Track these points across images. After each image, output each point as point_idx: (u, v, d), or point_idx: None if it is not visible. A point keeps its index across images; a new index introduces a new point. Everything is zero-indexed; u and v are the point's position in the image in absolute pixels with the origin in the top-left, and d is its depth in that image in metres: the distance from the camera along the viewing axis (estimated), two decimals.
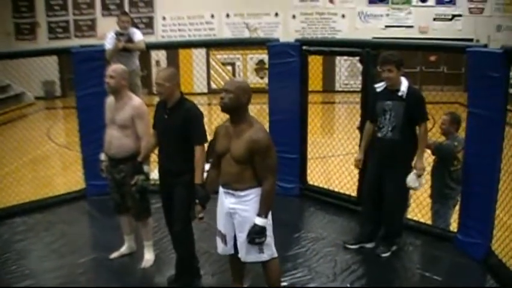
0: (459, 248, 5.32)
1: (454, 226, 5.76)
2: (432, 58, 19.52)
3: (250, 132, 3.89)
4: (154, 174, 5.04)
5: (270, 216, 4.04)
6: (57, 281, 4.96)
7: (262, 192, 3.93)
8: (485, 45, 5.40)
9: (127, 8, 19.69)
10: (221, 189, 4.14)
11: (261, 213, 3.92)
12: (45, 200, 7.07)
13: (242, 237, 4.02)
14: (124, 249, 5.39)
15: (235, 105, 3.91)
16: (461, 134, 5.60)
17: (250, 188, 3.96)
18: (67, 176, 8.74)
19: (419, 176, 5.04)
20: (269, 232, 4.04)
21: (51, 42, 20.63)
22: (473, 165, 5.12)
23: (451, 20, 19.56)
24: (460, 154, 5.65)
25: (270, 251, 4.12)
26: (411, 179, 5.05)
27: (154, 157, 5.01)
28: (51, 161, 11.64)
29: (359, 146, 5.95)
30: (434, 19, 19.64)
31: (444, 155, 5.78)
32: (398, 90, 5.02)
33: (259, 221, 3.91)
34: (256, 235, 3.92)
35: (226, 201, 4.08)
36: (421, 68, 19.05)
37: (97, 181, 6.46)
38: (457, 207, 5.60)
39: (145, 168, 4.84)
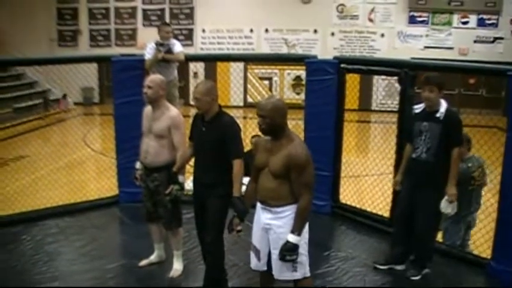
0: (492, 275, 5.21)
1: (484, 251, 5.63)
2: (472, 81, 19.26)
3: (289, 147, 3.87)
4: (187, 185, 5.06)
5: (306, 234, 4.00)
6: (85, 284, 5.02)
7: (297, 208, 3.89)
8: None
9: (167, 20, 19.95)
10: (258, 204, 4.12)
11: (294, 230, 3.87)
12: (78, 204, 7.17)
13: (276, 254, 3.96)
14: (153, 258, 5.42)
15: (274, 127, 3.91)
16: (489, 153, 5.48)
17: (287, 204, 3.93)
18: (100, 181, 8.84)
19: (450, 201, 4.96)
20: (304, 251, 4.00)
21: (92, 49, 21.04)
22: (510, 192, 5.01)
23: (492, 42, 19.30)
24: (475, 173, 5.64)
25: (303, 269, 4.05)
26: (444, 205, 4.97)
27: (188, 168, 5.03)
28: (86, 166, 11.81)
29: (394, 166, 5.91)
30: (475, 41, 19.40)
31: (460, 179, 5.58)
32: (437, 111, 4.97)
33: (292, 238, 3.86)
34: (287, 252, 3.86)
35: (262, 216, 4.06)
36: (460, 90, 18.80)
37: (130, 188, 6.53)
38: (488, 229, 5.49)
39: (180, 178, 4.86)
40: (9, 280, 5.10)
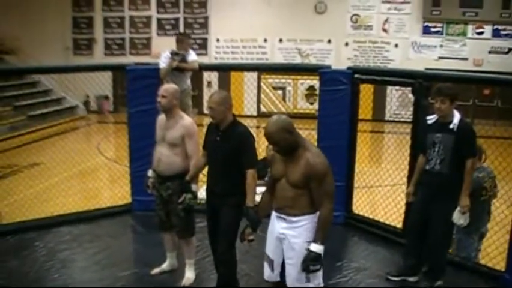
0: (505, 287, 5.15)
1: (497, 264, 5.58)
2: (486, 91, 19.15)
3: (307, 157, 3.86)
4: (200, 194, 5.06)
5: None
6: None
7: (319, 217, 3.88)
8: None
9: (181, 29, 20.06)
10: (274, 214, 4.10)
11: (317, 239, 3.84)
12: (92, 212, 7.20)
13: (290, 263, 3.96)
14: (165, 266, 5.42)
15: (288, 147, 3.90)
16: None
17: (304, 214, 3.92)
18: (114, 189, 8.87)
19: (463, 213, 4.92)
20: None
21: (107, 58, 21.22)
22: None
23: (507, 53, 19.20)
24: (486, 183, 5.62)
25: (317, 280, 4.01)
26: (456, 216, 4.94)
27: (201, 176, 5.04)
28: (99, 174, 11.87)
29: (407, 177, 5.88)
30: (490, 52, 19.31)
31: (471, 189, 5.55)
32: (450, 122, 4.94)
33: (315, 248, 3.83)
34: (311, 262, 3.82)
35: (277, 225, 4.04)
36: (474, 101, 18.71)
37: (143, 197, 6.53)
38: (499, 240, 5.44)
39: (193, 187, 4.86)
40: (22, 287, 5.11)
